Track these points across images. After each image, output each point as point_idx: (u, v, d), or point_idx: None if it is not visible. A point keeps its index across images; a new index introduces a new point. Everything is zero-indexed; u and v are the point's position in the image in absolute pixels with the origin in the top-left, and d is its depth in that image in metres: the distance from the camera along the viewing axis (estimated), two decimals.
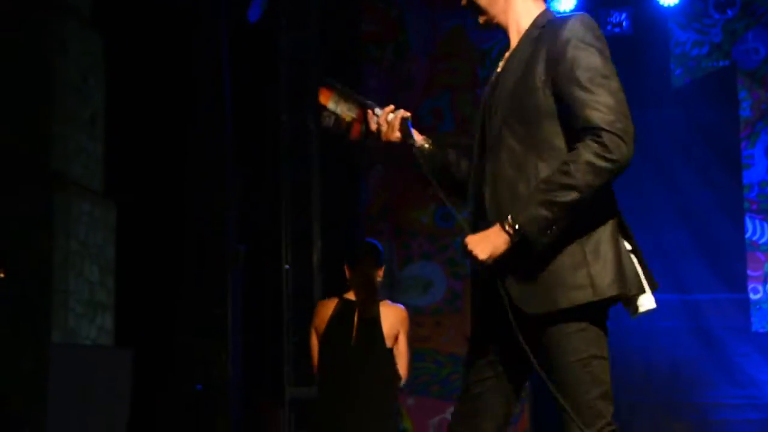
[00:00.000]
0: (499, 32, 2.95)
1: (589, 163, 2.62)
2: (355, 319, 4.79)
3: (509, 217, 2.63)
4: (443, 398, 7.23)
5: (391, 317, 4.82)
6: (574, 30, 2.72)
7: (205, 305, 6.83)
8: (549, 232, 2.63)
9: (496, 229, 2.67)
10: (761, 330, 7.12)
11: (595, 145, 2.62)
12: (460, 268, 7.37)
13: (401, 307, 4.92)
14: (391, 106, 2.98)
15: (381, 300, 4.90)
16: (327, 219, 7.63)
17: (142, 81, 7.07)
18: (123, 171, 7.30)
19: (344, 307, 4.83)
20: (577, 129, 2.62)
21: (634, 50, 7.44)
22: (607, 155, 2.63)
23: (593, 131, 2.61)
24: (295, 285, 7.46)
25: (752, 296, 7.16)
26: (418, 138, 3.01)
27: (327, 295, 7.56)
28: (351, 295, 4.88)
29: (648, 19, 7.41)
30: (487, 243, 2.68)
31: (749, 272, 7.17)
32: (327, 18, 7.55)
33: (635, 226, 7.96)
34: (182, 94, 6.97)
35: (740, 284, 7.16)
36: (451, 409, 7.51)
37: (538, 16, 2.83)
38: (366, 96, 8.13)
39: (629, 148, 2.71)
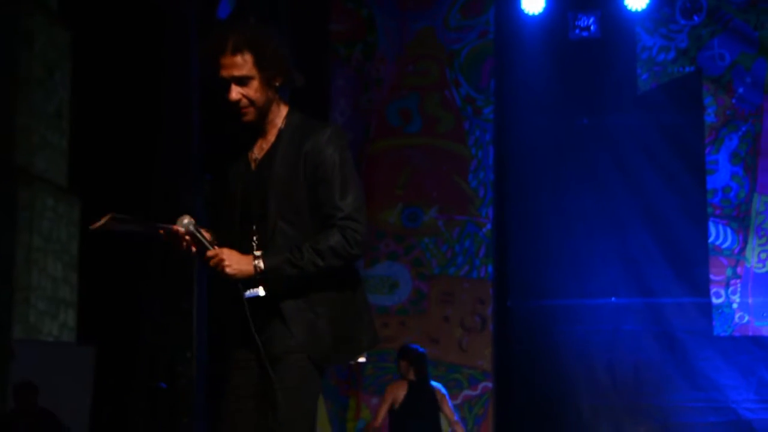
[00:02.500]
0: (469, 34, 3.08)
1: (334, 250, 3.20)
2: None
3: (263, 258, 3.21)
4: None
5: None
6: (332, 139, 3.26)
7: (170, 301, 6.79)
8: (282, 283, 3.23)
9: (250, 258, 3.22)
10: (723, 334, 7.17)
11: (341, 237, 3.21)
12: (425, 269, 7.38)
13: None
14: (176, 227, 3.28)
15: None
16: None
17: (109, 76, 7.03)
18: (88, 166, 7.25)
19: (413, 389, 6.12)
20: (331, 221, 3.22)
21: (601, 54, 7.48)
22: (348, 248, 3.21)
23: (342, 226, 3.21)
24: None
25: (714, 300, 7.21)
26: (208, 236, 3.34)
27: None
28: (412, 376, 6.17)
29: (616, 23, 7.45)
30: (239, 263, 3.22)
31: (712, 276, 7.23)
32: (296, 16, 7.53)
33: (601, 229, 8.06)
34: (150, 90, 6.93)
35: (703, 288, 7.21)
36: None
37: (288, 115, 3.33)
38: (336, 94, 8.08)
39: (364, 243, 3.27)
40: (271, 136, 3.32)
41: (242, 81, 3.27)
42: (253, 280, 3.21)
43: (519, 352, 7.41)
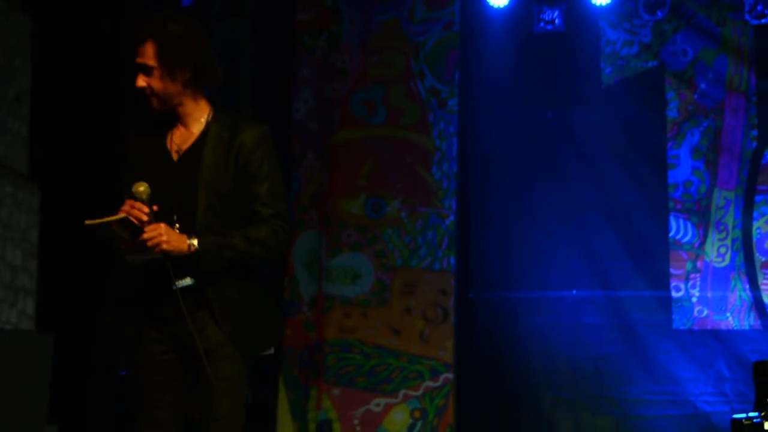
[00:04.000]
0: (435, 26, 3.13)
1: (265, 243, 3.33)
2: None
3: (199, 238, 3.28)
4: (369, 389, 7.25)
5: None
6: (263, 138, 3.43)
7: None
8: (214, 266, 3.31)
9: (184, 237, 3.29)
10: (682, 328, 7.24)
11: (272, 231, 3.34)
12: (388, 260, 7.39)
13: None
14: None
15: None
16: None
17: (70, 62, 6.96)
18: (49, 153, 7.18)
19: None
20: (259, 217, 3.35)
21: (565, 47, 7.51)
22: (276, 244, 3.36)
23: (272, 223, 3.35)
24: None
25: (674, 294, 7.27)
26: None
27: None
28: None
29: (580, 17, 7.48)
30: (176, 240, 3.27)
31: (672, 270, 7.29)
32: (261, 5, 7.50)
33: (563, 222, 8.09)
34: (112, 77, 6.87)
35: (663, 282, 7.27)
36: (377, 400, 7.58)
37: (213, 111, 3.45)
38: (299, 83, 8.04)
39: (287, 243, 3.48)
40: (195, 130, 3.42)
41: (145, 70, 3.36)
42: (178, 271, 3.27)
43: (481, 344, 7.44)
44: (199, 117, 3.43)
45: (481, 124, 7.65)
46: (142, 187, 3.30)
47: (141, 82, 3.38)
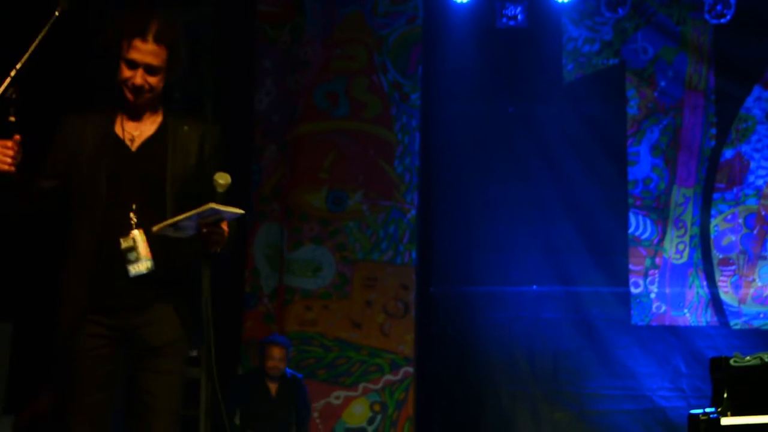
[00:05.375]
0: (398, 19, 3.16)
1: (235, 234, 3.42)
2: None
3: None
4: (329, 382, 7.25)
5: None
6: (220, 132, 3.51)
7: None
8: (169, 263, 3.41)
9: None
10: (640, 323, 7.30)
11: (236, 223, 3.42)
12: (349, 253, 7.38)
13: None
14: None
15: None
16: None
17: (17, 53, 6.87)
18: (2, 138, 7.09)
19: None
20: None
21: (527, 44, 7.55)
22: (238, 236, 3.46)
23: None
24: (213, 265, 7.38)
25: (633, 290, 7.33)
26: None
27: (214, 274, 7.51)
28: None
29: (542, 13, 7.52)
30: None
31: (631, 266, 7.34)
32: None
33: (524, 218, 8.11)
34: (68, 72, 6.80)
35: (622, 278, 7.33)
36: (337, 392, 7.56)
37: (165, 105, 3.48)
38: (262, 75, 7.96)
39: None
40: (149, 122, 3.43)
41: (152, 70, 3.36)
42: (135, 259, 3.31)
43: (441, 338, 7.46)
44: (154, 110, 3.45)
45: (444, 118, 7.67)
46: (223, 180, 3.35)
47: (141, 80, 3.37)
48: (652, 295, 7.30)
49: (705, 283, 7.26)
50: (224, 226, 3.31)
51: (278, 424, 6.61)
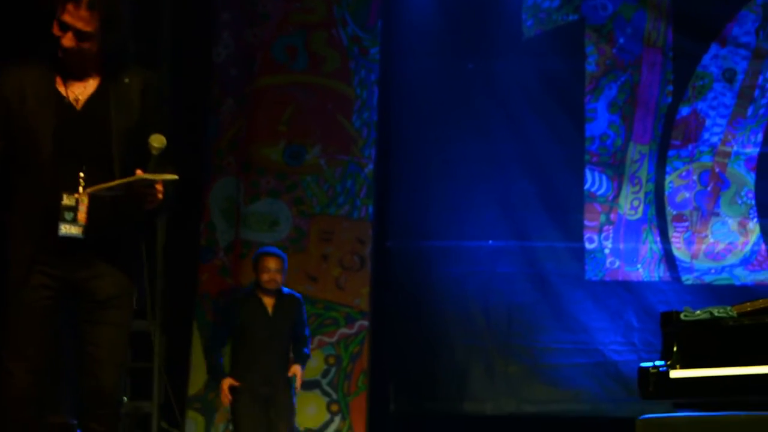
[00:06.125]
0: None
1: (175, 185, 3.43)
2: None
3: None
4: None
5: None
6: (159, 83, 3.58)
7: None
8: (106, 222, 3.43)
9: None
10: (594, 278, 7.35)
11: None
12: (306, 208, 7.37)
13: None
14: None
15: None
16: (174, 152, 7.49)
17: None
18: None
19: None
20: (166, 159, 3.43)
21: None
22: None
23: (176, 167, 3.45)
24: (152, 219, 7.35)
25: (588, 246, 7.38)
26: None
27: (170, 226, 7.48)
28: None
29: None
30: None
31: (586, 222, 7.38)
32: None
33: (481, 173, 8.12)
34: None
35: (577, 233, 7.36)
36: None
37: (103, 61, 3.46)
38: (220, 27, 7.88)
39: None
40: (91, 79, 3.44)
41: (82, 36, 3.35)
42: (70, 220, 3.33)
43: (396, 292, 7.48)
44: (94, 66, 3.45)
45: (403, 73, 7.64)
46: (157, 143, 3.37)
47: (70, 43, 3.37)
48: (606, 251, 7.35)
49: (658, 239, 7.31)
50: (159, 186, 3.28)
51: (275, 343, 6.26)
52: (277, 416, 6.23)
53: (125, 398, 7.13)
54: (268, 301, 6.30)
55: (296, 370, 6.23)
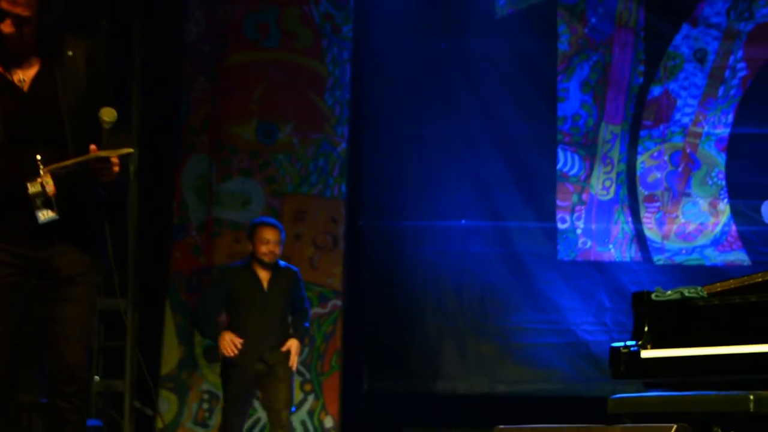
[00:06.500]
0: None
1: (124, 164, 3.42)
2: None
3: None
4: None
5: None
6: (101, 45, 3.52)
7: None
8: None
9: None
10: (566, 258, 7.38)
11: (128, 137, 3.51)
12: (279, 186, 7.35)
13: None
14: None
15: None
16: (146, 130, 7.47)
17: None
18: None
19: None
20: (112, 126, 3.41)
21: None
22: None
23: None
24: (111, 193, 7.32)
25: (560, 225, 7.40)
26: None
27: (142, 205, 7.45)
28: None
29: None
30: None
31: (558, 202, 7.41)
32: None
33: (454, 153, 8.14)
34: None
35: (549, 213, 7.39)
36: None
37: (40, 35, 3.39)
38: (191, 4, 7.81)
39: None
40: (33, 57, 3.40)
41: (22, 21, 3.32)
42: (43, 205, 3.32)
43: (369, 272, 7.49)
44: (34, 47, 3.42)
45: (376, 51, 7.62)
46: (108, 117, 3.35)
47: (10, 29, 3.34)
48: (578, 231, 7.38)
49: (630, 219, 7.35)
50: (115, 159, 3.30)
51: (270, 319, 6.03)
52: (274, 386, 5.98)
53: (97, 377, 7.18)
54: (264, 275, 6.09)
55: (292, 344, 6.01)
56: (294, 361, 6.05)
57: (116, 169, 3.33)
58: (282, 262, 6.23)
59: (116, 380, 7.30)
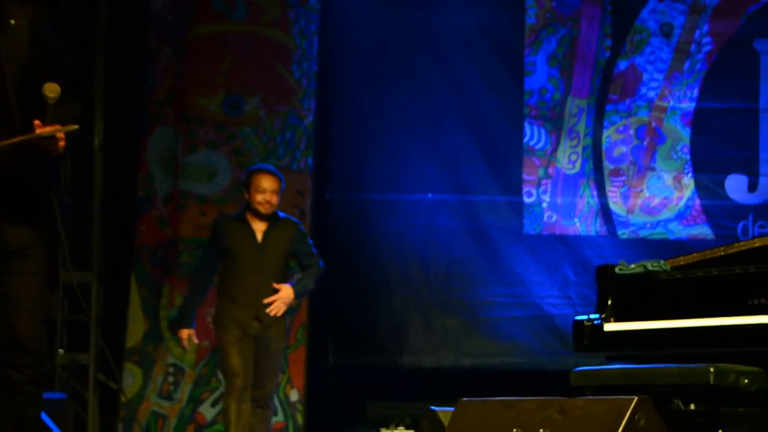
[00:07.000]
0: None
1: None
2: None
3: None
4: None
5: None
6: (46, 16, 3.42)
7: None
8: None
9: None
10: (532, 232, 7.40)
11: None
12: (245, 159, 7.31)
13: None
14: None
15: None
16: (111, 102, 7.41)
17: None
18: None
19: None
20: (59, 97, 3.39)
21: None
22: None
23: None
24: (74, 168, 7.30)
25: (526, 199, 7.41)
26: None
27: (107, 177, 7.39)
28: None
29: None
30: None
31: (525, 176, 7.41)
32: None
33: (421, 126, 8.13)
34: None
35: (515, 187, 7.40)
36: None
37: None
38: None
39: None
40: None
41: None
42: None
43: (336, 244, 7.47)
44: None
45: (343, 24, 7.58)
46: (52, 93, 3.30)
47: None
48: (544, 205, 7.39)
49: (595, 193, 7.37)
50: (60, 135, 3.27)
51: (266, 275, 5.67)
52: (264, 354, 5.72)
53: (61, 350, 7.14)
54: (258, 226, 5.73)
55: (282, 288, 5.66)
56: (278, 308, 5.65)
57: (62, 144, 3.30)
58: (281, 213, 5.85)
59: (81, 353, 7.27)
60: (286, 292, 5.70)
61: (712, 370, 4.00)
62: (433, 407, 4.56)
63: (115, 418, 7.14)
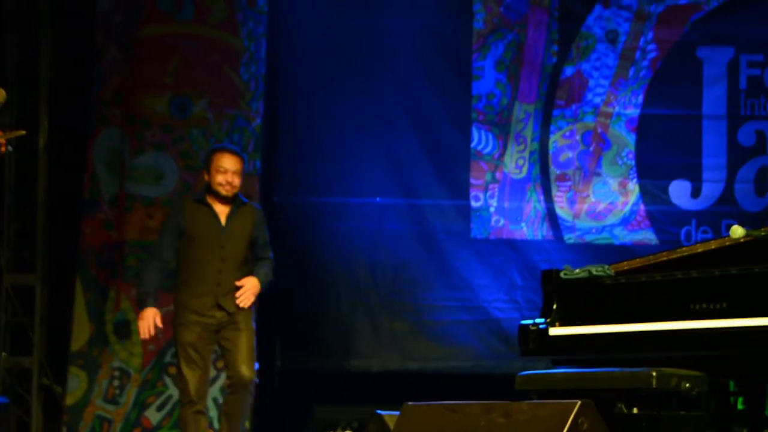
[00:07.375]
0: None
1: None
2: None
3: None
4: (168, 290, 7.13)
5: None
6: None
7: None
8: None
9: None
10: (479, 236, 7.44)
11: None
12: (193, 161, 7.27)
13: None
14: None
15: None
16: (56, 102, 7.33)
17: None
18: None
19: None
20: None
21: None
22: None
23: None
24: (18, 168, 7.23)
25: (473, 204, 7.46)
26: None
27: (52, 178, 7.31)
28: None
29: None
30: None
31: (472, 180, 7.45)
32: None
33: (369, 130, 8.14)
34: None
35: (463, 191, 7.44)
36: None
37: None
38: None
39: None
40: None
41: None
42: None
43: (283, 248, 7.44)
44: None
45: (292, 26, 7.57)
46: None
47: None
48: (492, 209, 7.44)
49: (542, 198, 7.43)
50: (2, 140, 3.28)
51: (229, 260, 5.35)
52: (234, 336, 5.42)
53: (4, 353, 7.06)
54: (221, 209, 5.40)
55: (248, 280, 5.38)
56: (248, 300, 5.40)
57: (3, 149, 3.28)
58: (244, 197, 5.58)
59: (24, 357, 7.18)
60: (252, 282, 5.41)
61: (654, 374, 4.03)
62: (379, 411, 4.56)
63: (59, 423, 7.06)
